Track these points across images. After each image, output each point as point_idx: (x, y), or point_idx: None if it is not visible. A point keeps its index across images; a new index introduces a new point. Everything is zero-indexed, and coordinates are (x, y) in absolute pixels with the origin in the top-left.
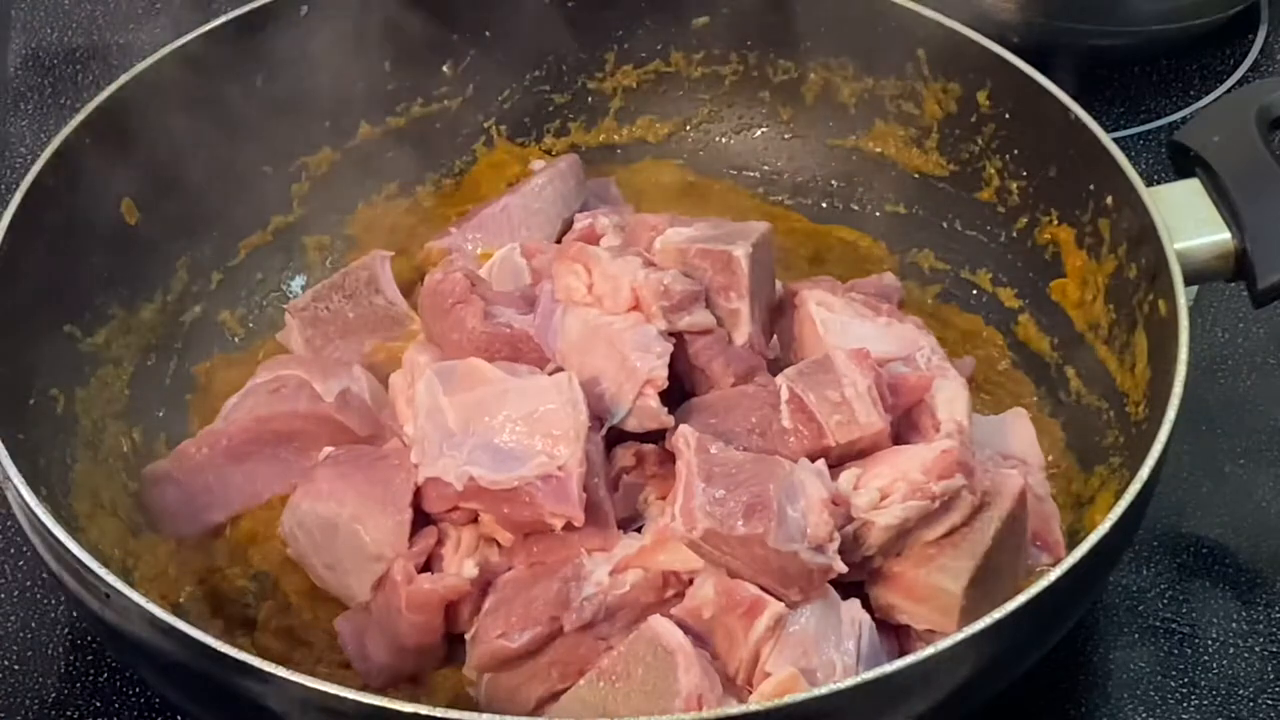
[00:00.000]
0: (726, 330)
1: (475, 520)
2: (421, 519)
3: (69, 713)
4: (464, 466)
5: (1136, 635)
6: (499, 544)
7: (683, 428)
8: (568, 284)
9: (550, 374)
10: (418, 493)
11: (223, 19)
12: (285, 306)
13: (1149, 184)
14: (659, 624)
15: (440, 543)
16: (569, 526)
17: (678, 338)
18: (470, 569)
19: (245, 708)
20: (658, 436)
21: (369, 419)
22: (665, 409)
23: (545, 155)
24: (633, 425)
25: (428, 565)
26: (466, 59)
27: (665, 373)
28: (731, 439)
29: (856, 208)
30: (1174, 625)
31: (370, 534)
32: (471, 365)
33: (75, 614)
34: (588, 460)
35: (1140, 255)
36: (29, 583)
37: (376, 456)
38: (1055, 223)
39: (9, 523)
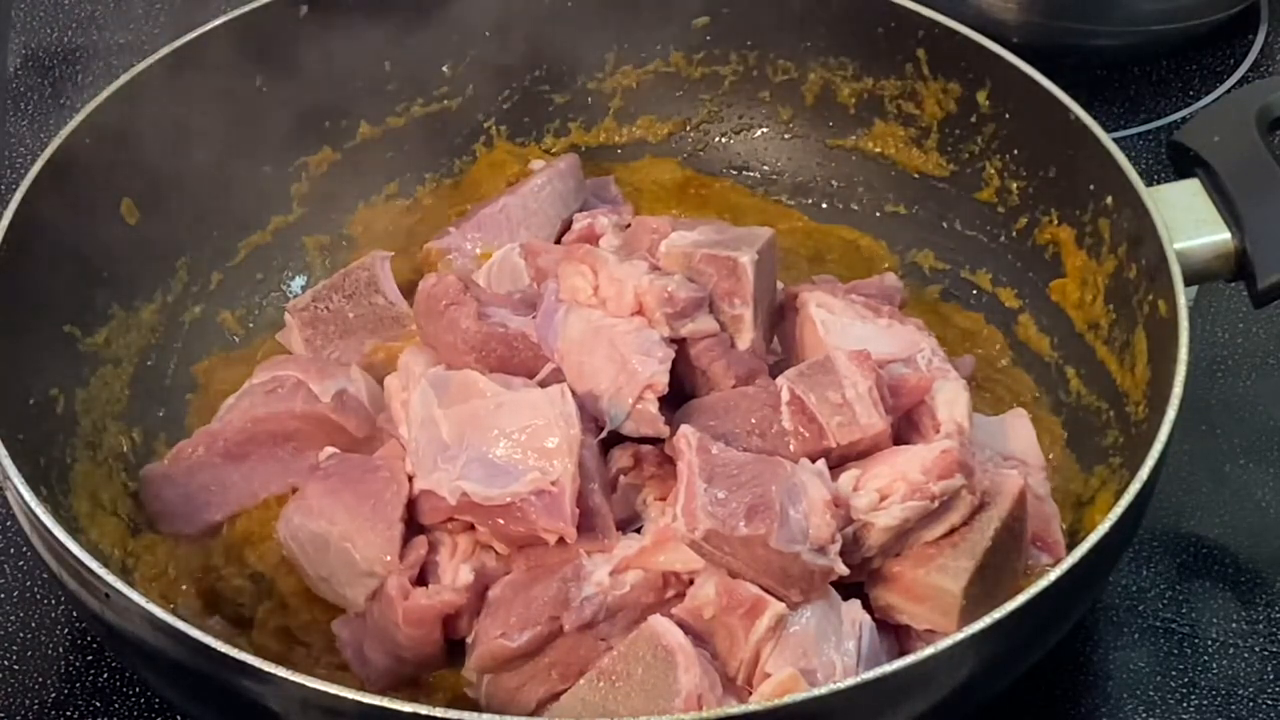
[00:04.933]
0: (729, 334)
1: (471, 528)
2: (415, 527)
3: (69, 713)
4: (457, 481)
5: (1136, 635)
6: (496, 550)
7: (684, 428)
8: (573, 284)
9: (547, 375)
10: (411, 504)
11: (223, 19)
12: (285, 306)
13: (1149, 184)
14: (659, 624)
15: (434, 549)
16: (562, 540)
17: (679, 342)
18: (466, 574)
19: (245, 708)
20: (656, 438)
21: (366, 420)
22: (662, 417)
23: (545, 155)
24: (629, 429)
25: (423, 571)
26: (466, 59)
27: (666, 378)
28: (732, 440)
29: (856, 208)
30: (1174, 625)
31: (361, 551)
32: (466, 377)
33: (75, 614)
34: (583, 466)
35: (1140, 255)
36: (29, 583)
37: (367, 469)
38: (1055, 223)
39: (9, 523)
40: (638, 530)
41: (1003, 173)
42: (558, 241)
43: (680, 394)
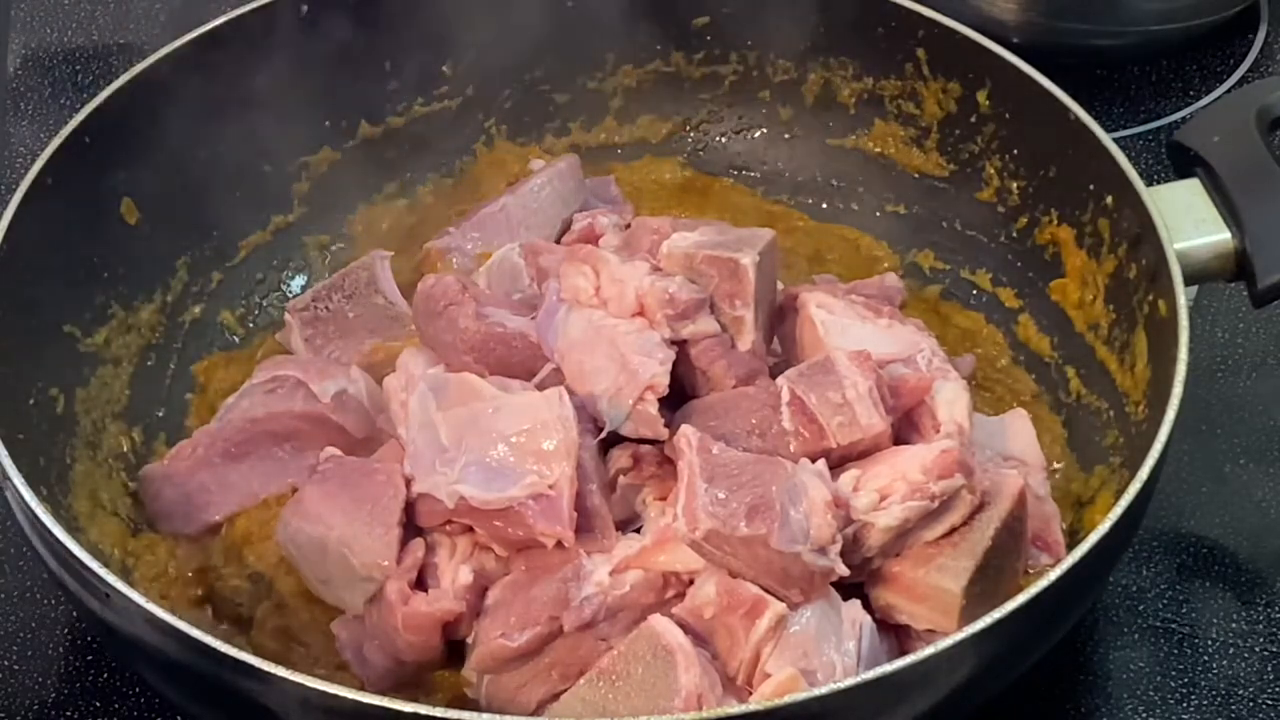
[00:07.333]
0: (730, 335)
1: (470, 529)
2: (413, 529)
3: (69, 713)
4: (455, 485)
5: (1136, 635)
6: (495, 551)
7: (685, 427)
8: (575, 284)
9: (547, 376)
10: (410, 507)
11: (223, 19)
12: (285, 306)
13: (1149, 184)
14: (659, 623)
15: (432, 551)
16: (560, 544)
17: (680, 343)
18: (465, 575)
19: (244, 707)
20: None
21: (365, 420)
22: (662, 419)
23: (545, 155)
24: (629, 430)
25: (422, 572)
26: (466, 59)
27: (667, 380)
28: (732, 440)
29: (856, 208)
30: (1174, 625)
31: (358, 556)
32: (464, 380)
33: (75, 614)
34: (582, 468)
35: (1140, 255)
36: (29, 583)
37: (364, 472)
38: (1055, 223)
39: (9, 523)
40: (638, 530)
41: (1003, 173)
42: (558, 241)
43: (680, 395)
